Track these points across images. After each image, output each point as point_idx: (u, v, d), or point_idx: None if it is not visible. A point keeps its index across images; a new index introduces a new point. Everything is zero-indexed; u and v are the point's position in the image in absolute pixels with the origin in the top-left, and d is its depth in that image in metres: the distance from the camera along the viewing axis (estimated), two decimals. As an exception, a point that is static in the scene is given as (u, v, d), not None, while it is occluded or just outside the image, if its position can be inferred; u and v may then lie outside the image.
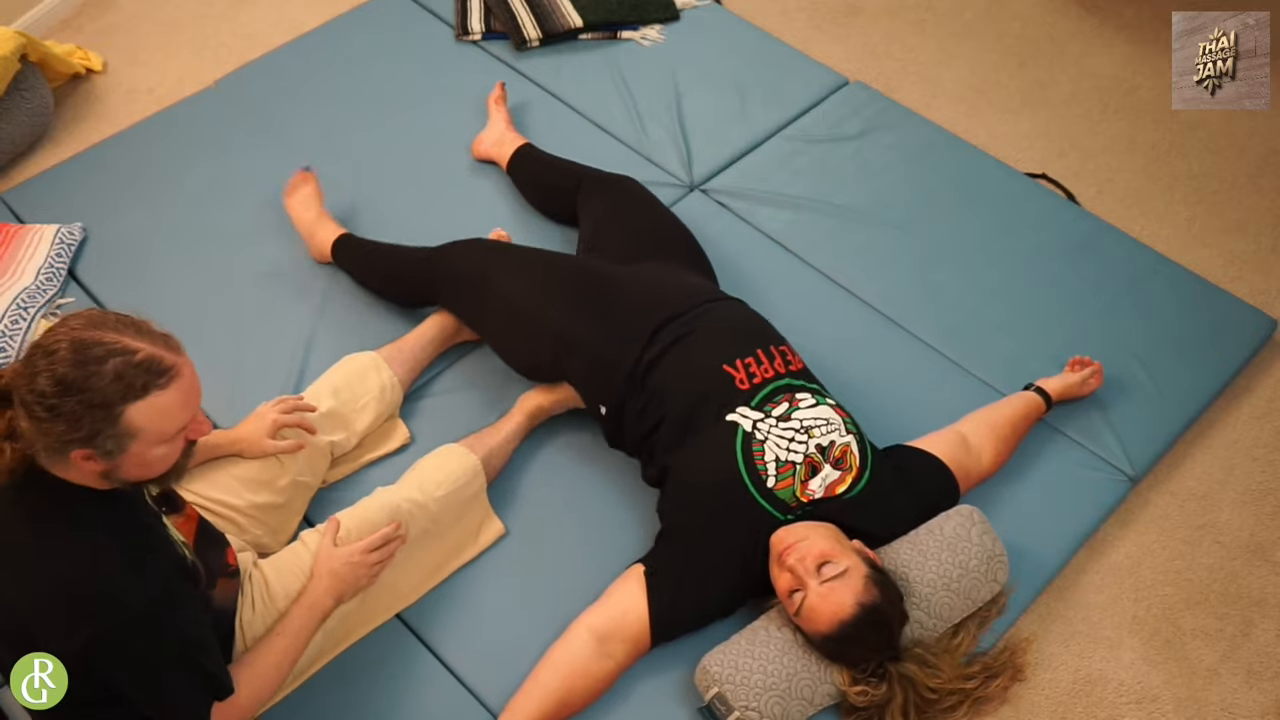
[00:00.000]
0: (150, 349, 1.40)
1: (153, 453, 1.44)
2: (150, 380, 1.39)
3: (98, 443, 1.39)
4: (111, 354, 1.37)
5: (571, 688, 1.82)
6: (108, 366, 1.37)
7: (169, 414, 1.42)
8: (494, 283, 2.18)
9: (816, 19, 3.35)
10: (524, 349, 2.17)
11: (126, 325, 1.42)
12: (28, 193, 2.71)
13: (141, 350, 1.39)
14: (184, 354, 1.46)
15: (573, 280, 2.15)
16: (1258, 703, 2.02)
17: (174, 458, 1.49)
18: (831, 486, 1.91)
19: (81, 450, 1.40)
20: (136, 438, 1.41)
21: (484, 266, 2.21)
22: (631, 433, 2.04)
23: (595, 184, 2.49)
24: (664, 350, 2.01)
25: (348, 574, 1.79)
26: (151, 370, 1.39)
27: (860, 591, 1.78)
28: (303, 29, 3.19)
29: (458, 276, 2.24)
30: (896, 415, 2.22)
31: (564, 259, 2.26)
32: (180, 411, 1.44)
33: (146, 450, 1.43)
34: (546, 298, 2.12)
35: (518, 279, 2.17)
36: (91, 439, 1.39)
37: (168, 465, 1.49)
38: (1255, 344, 2.46)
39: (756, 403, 1.95)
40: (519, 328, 2.16)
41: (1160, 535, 2.23)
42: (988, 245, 2.60)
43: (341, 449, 2.13)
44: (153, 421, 1.41)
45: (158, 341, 1.42)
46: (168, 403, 1.41)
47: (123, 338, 1.39)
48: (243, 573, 1.80)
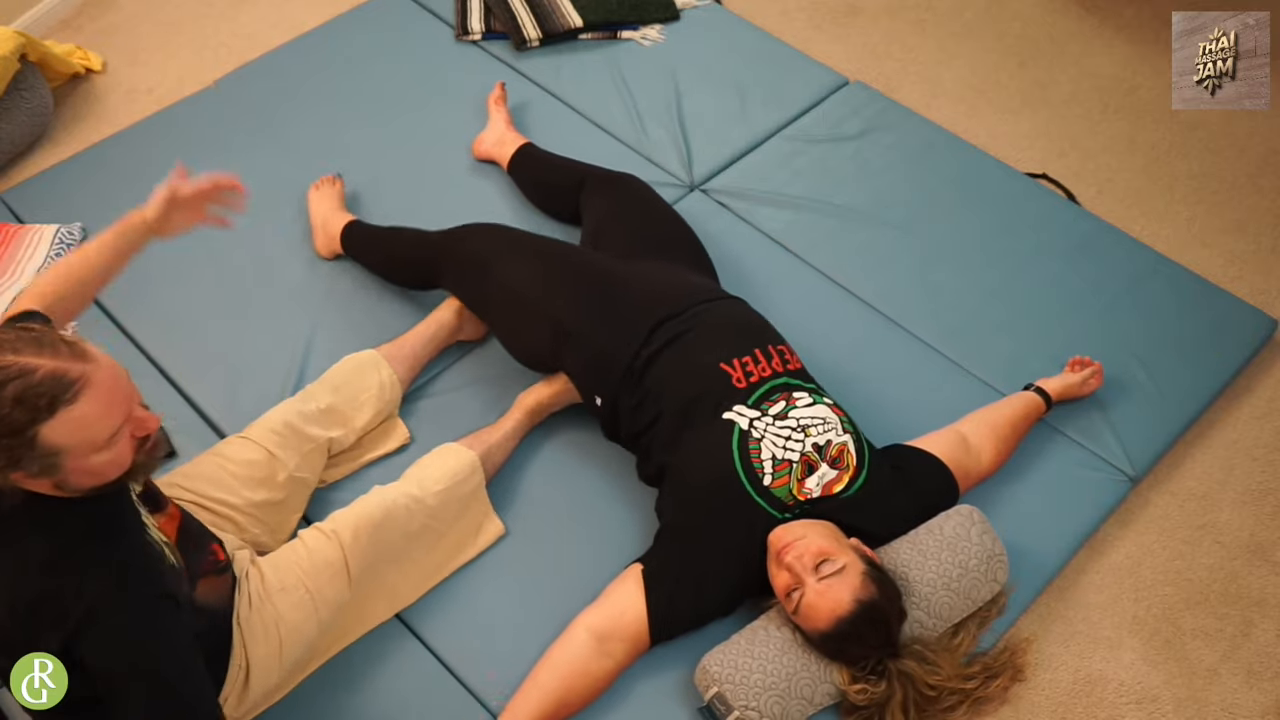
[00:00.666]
0: (51, 364, 1.33)
1: (92, 462, 1.39)
2: (55, 397, 1.33)
3: (24, 466, 1.35)
4: (10, 378, 1.31)
5: (571, 687, 1.83)
6: (6, 392, 1.30)
7: (88, 425, 1.36)
8: (500, 267, 2.19)
9: (816, 19, 3.35)
10: (524, 334, 2.17)
11: (25, 342, 1.35)
12: (27, 193, 2.71)
13: (41, 368, 1.32)
14: (93, 359, 1.38)
15: (576, 270, 2.16)
16: (1258, 703, 2.02)
17: (125, 458, 1.44)
18: (829, 485, 1.91)
19: (16, 473, 1.36)
20: (63, 453, 1.36)
21: (491, 250, 2.22)
22: (628, 427, 2.04)
23: (600, 182, 2.50)
24: (662, 347, 2.01)
25: None
26: (55, 387, 1.33)
27: (858, 588, 1.78)
28: (303, 29, 3.19)
29: (465, 258, 2.25)
30: (896, 415, 2.22)
31: (570, 249, 2.26)
32: (102, 420, 1.37)
33: (83, 462, 1.38)
34: (550, 285, 2.13)
35: (523, 265, 2.18)
36: (18, 464, 1.35)
37: (122, 468, 1.44)
38: (1255, 344, 2.46)
39: (753, 401, 1.95)
40: (520, 313, 2.16)
41: (1160, 535, 2.23)
42: (988, 245, 2.60)
43: (340, 445, 2.13)
44: (73, 435, 1.35)
45: (60, 353, 1.35)
46: (82, 415, 1.35)
47: (20, 358, 1.33)
48: (240, 571, 1.80)
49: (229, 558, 1.80)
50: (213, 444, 2.08)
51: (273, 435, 2.01)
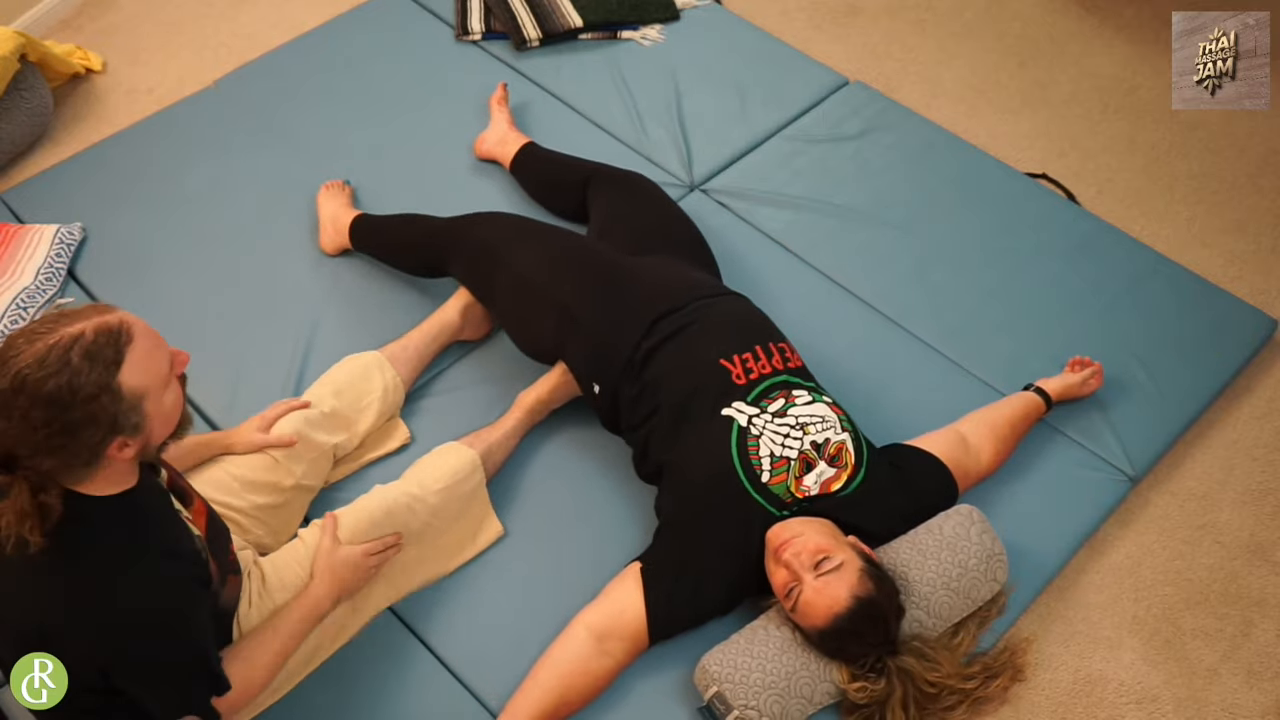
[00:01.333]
0: (90, 323, 1.39)
1: (166, 402, 1.46)
2: (116, 344, 1.39)
3: (120, 424, 1.40)
4: (68, 349, 1.36)
5: (570, 686, 1.83)
6: (74, 360, 1.35)
7: (152, 358, 1.43)
8: (508, 253, 2.20)
9: (816, 19, 3.35)
10: (530, 320, 2.18)
11: (53, 321, 1.39)
12: (27, 193, 2.71)
13: (84, 329, 1.38)
14: (114, 308, 1.44)
15: (583, 259, 2.17)
16: (1258, 703, 2.02)
17: (182, 398, 1.51)
18: (827, 483, 1.91)
19: (114, 441, 1.40)
20: (146, 397, 1.42)
21: (500, 237, 2.24)
22: (626, 418, 2.05)
23: (606, 179, 2.50)
24: (662, 341, 2.01)
25: (348, 575, 1.81)
26: (109, 336, 1.39)
27: (855, 585, 1.78)
28: (303, 29, 3.19)
29: (474, 244, 2.26)
30: (896, 415, 2.22)
31: (578, 239, 2.27)
32: (158, 351, 1.45)
33: (160, 403, 1.45)
34: (557, 272, 2.14)
35: (531, 251, 2.19)
36: (114, 424, 1.39)
37: (180, 407, 1.51)
38: (1255, 344, 2.46)
39: (753, 398, 1.95)
40: (527, 298, 2.16)
41: (1160, 535, 2.23)
42: (987, 245, 2.60)
43: (344, 450, 2.13)
44: (146, 373, 1.42)
45: (89, 314, 1.41)
46: (144, 350, 1.42)
47: (61, 331, 1.38)
48: (243, 570, 1.80)
49: (238, 561, 1.80)
50: (213, 444, 2.09)
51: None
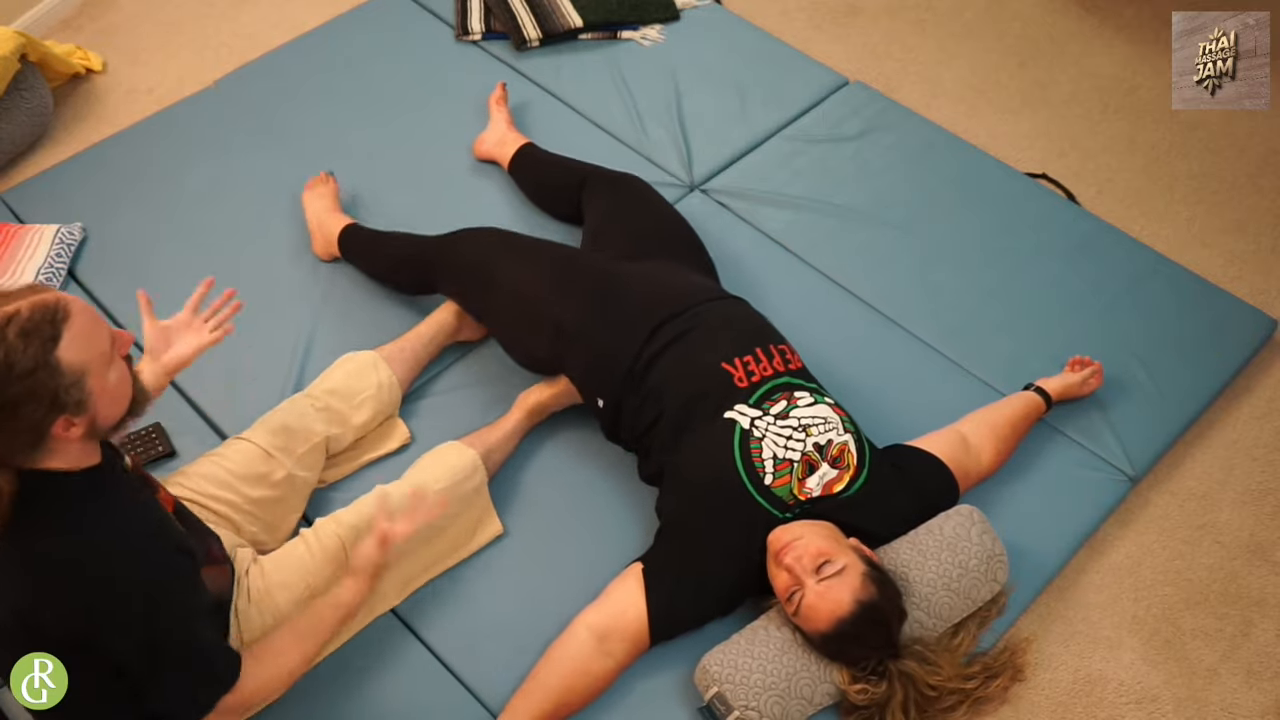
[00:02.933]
0: (25, 301, 1.39)
1: (110, 379, 1.46)
2: (53, 320, 1.39)
3: (62, 400, 1.40)
4: (3, 327, 1.36)
5: (571, 686, 1.83)
6: (9, 337, 1.35)
7: (91, 335, 1.43)
8: (498, 270, 2.19)
9: (816, 19, 3.35)
10: (524, 338, 2.17)
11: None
12: (28, 193, 2.71)
13: (21, 306, 1.38)
14: (49, 287, 1.45)
15: (576, 272, 2.16)
16: (1258, 703, 2.02)
17: (129, 376, 1.51)
18: (829, 485, 1.91)
19: (58, 419, 1.40)
20: (87, 372, 1.42)
21: (490, 254, 2.22)
22: (629, 428, 2.04)
23: (601, 181, 2.50)
24: (663, 347, 2.01)
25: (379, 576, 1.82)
26: (45, 313, 1.39)
27: (858, 589, 1.78)
28: (303, 29, 3.19)
29: (464, 263, 2.25)
30: (896, 415, 2.22)
31: (569, 251, 2.26)
32: (97, 329, 1.44)
33: (103, 380, 1.44)
34: (549, 288, 2.13)
35: (522, 268, 2.18)
36: (55, 400, 1.39)
37: (129, 386, 1.50)
38: (1255, 344, 2.46)
39: (755, 400, 1.95)
40: (520, 316, 2.16)
41: (1160, 535, 2.23)
42: (988, 245, 2.60)
43: (338, 445, 2.13)
44: (85, 349, 1.42)
45: (25, 293, 1.41)
46: (81, 327, 1.41)
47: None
48: (240, 569, 1.80)
49: (226, 555, 1.80)
50: (213, 444, 2.09)
51: (269, 435, 2.02)
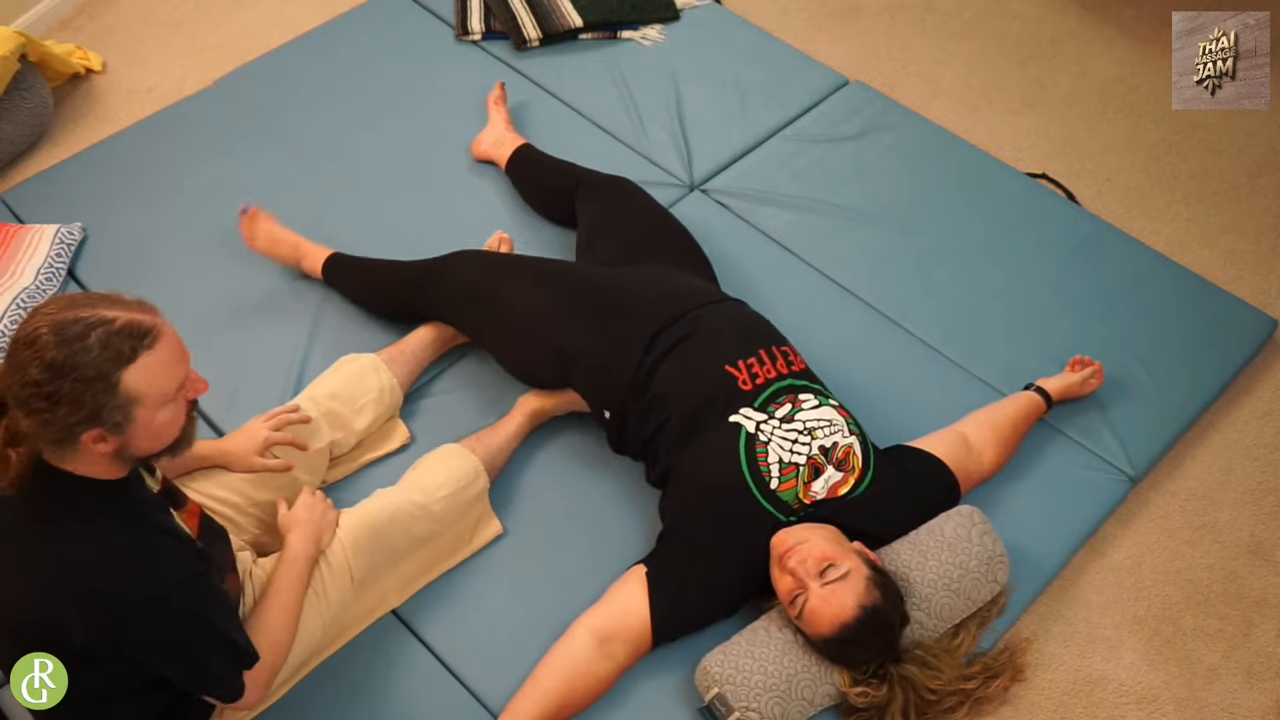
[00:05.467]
0: (128, 315, 1.41)
1: (159, 417, 1.45)
2: (136, 343, 1.40)
3: (104, 417, 1.40)
4: (92, 327, 1.38)
5: (572, 688, 1.82)
6: (91, 339, 1.37)
7: (164, 372, 1.43)
8: (492, 298, 2.17)
9: (816, 19, 3.35)
10: (526, 361, 2.17)
11: (99, 300, 1.43)
12: (27, 193, 2.71)
13: (119, 317, 1.40)
14: (161, 315, 1.47)
15: (571, 290, 2.15)
16: (1258, 703, 2.02)
17: (180, 420, 1.50)
18: (834, 488, 1.91)
19: (91, 431, 1.40)
20: (139, 403, 1.42)
21: (480, 282, 2.21)
22: (635, 436, 2.04)
23: (592, 186, 2.49)
24: (665, 353, 2.01)
25: (306, 515, 1.84)
26: (135, 333, 1.40)
27: (862, 593, 1.77)
28: (303, 29, 3.19)
29: (454, 294, 2.23)
30: (897, 415, 2.22)
31: (561, 267, 2.26)
32: (173, 368, 1.45)
33: (152, 415, 1.44)
34: (545, 310, 2.12)
35: (515, 293, 2.16)
36: (97, 415, 1.39)
37: (176, 429, 1.50)
38: (1255, 344, 2.46)
39: (760, 404, 1.95)
40: (519, 341, 2.16)
41: (1160, 535, 2.23)
42: (988, 245, 2.60)
43: (340, 449, 2.13)
44: (151, 382, 1.42)
45: (133, 308, 1.43)
46: (159, 361, 1.42)
47: (98, 310, 1.40)
48: (242, 572, 1.80)
49: (233, 559, 1.80)
50: (213, 444, 2.09)
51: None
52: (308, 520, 1.84)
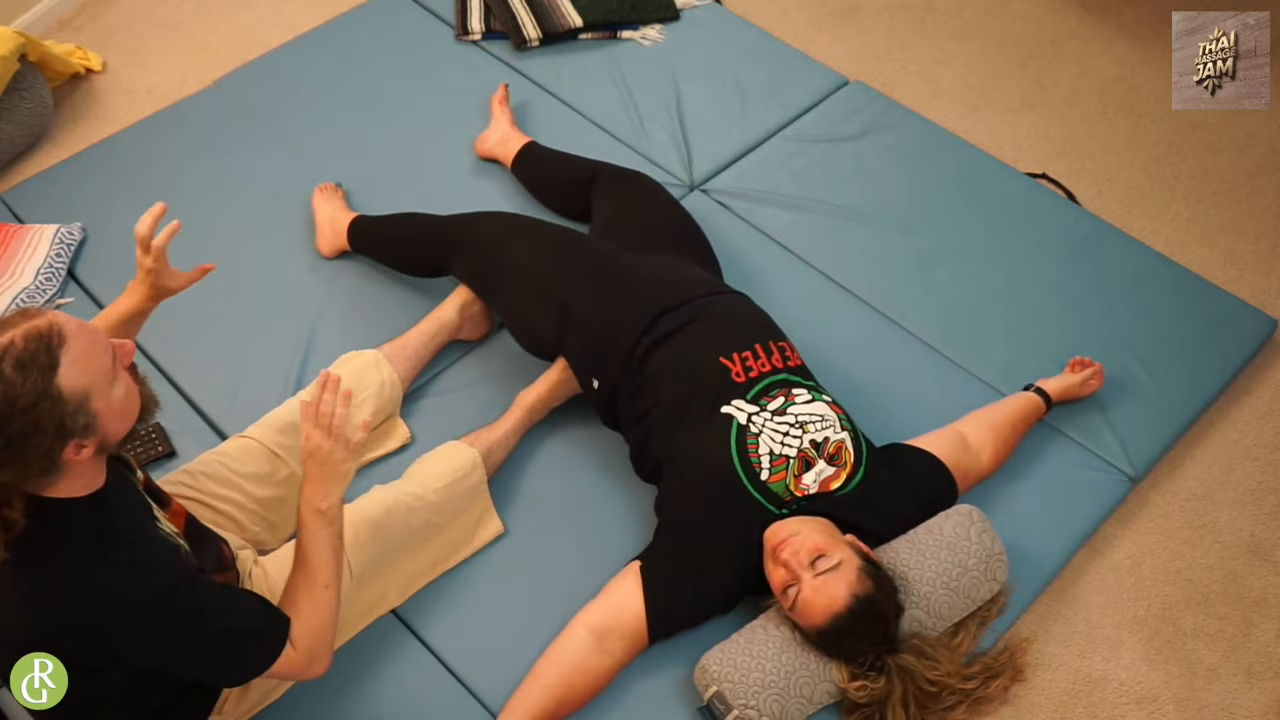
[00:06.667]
0: (17, 330, 1.35)
1: (115, 396, 1.42)
2: (48, 347, 1.34)
3: (69, 427, 1.36)
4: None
5: (570, 685, 1.83)
6: (6, 371, 1.32)
7: (90, 356, 1.38)
8: (511, 247, 2.20)
9: (816, 19, 3.35)
10: (531, 315, 2.18)
11: None
12: (27, 193, 2.71)
13: (12, 336, 1.34)
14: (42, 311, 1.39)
15: (585, 255, 2.18)
16: (1258, 703, 2.02)
17: (134, 388, 1.47)
18: (826, 482, 1.92)
19: (66, 446, 1.37)
20: (90, 396, 1.38)
21: (502, 233, 2.25)
22: (624, 414, 2.05)
23: (612, 177, 2.51)
24: (663, 337, 2.01)
25: (316, 467, 1.67)
26: (39, 341, 1.34)
27: (854, 583, 1.78)
28: (303, 29, 3.19)
29: (476, 240, 2.27)
30: (896, 415, 2.22)
31: (580, 236, 2.28)
32: (96, 349, 1.40)
33: (108, 399, 1.41)
34: (559, 267, 2.15)
35: (533, 246, 2.20)
36: (62, 429, 1.36)
37: (136, 397, 1.47)
38: (1255, 344, 2.46)
39: (752, 396, 1.95)
40: (529, 293, 2.17)
41: (1160, 535, 2.23)
42: (988, 245, 2.60)
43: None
44: (86, 373, 1.38)
45: (17, 321, 1.37)
46: (79, 350, 1.37)
47: None
48: (243, 571, 1.80)
49: (233, 557, 1.80)
50: (213, 444, 2.09)
51: (275, 433, 2.02)
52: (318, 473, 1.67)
